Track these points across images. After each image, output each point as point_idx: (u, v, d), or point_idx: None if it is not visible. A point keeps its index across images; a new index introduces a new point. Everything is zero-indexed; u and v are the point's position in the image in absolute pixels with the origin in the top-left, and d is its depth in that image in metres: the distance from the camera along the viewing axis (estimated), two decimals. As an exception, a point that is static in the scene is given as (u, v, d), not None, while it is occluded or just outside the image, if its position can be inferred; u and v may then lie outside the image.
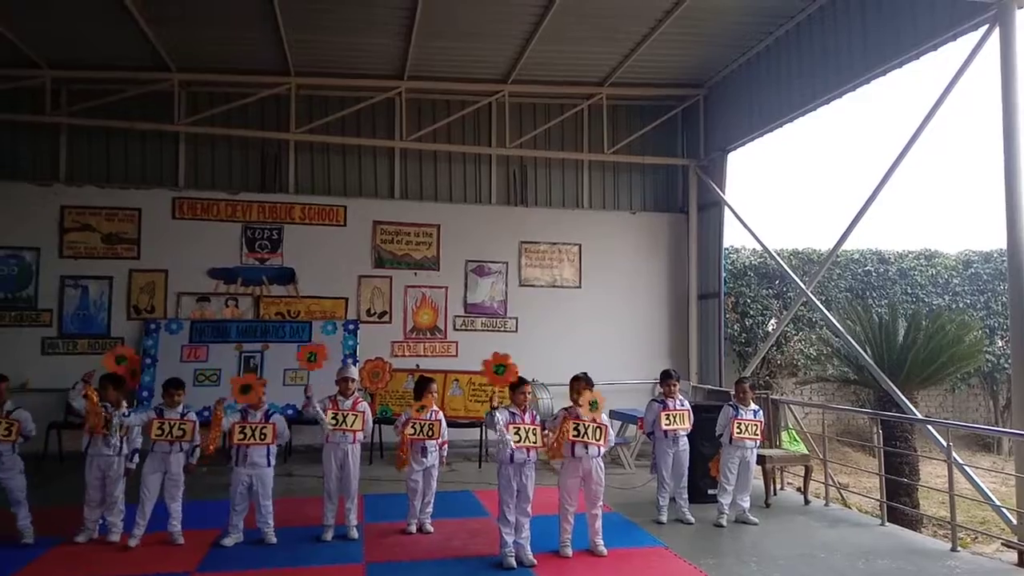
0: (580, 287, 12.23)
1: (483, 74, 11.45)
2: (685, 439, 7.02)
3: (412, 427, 6.31)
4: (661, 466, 6.99)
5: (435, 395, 6.56)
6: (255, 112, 11.32)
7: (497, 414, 5.67)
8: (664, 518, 6.88)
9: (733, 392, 7.33)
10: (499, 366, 6.06)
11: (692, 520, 6.86)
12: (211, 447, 5.87)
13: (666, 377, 7.17)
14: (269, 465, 6.06)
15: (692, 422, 7.03)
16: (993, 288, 17.78)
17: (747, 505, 7.02)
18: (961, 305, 17.30)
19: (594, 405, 5.78)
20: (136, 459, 6.05)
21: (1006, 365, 17.04)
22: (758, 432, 7.06)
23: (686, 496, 7.03)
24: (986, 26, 7.12)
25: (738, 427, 6.94)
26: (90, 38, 9.86)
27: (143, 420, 5.92)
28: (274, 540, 6.01)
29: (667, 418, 6.90)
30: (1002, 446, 16.79)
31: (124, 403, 6.02)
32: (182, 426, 5.92)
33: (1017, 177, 6.76)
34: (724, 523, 6.82)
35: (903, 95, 46.06)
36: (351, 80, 11.32)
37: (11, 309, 10.45)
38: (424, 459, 6.39)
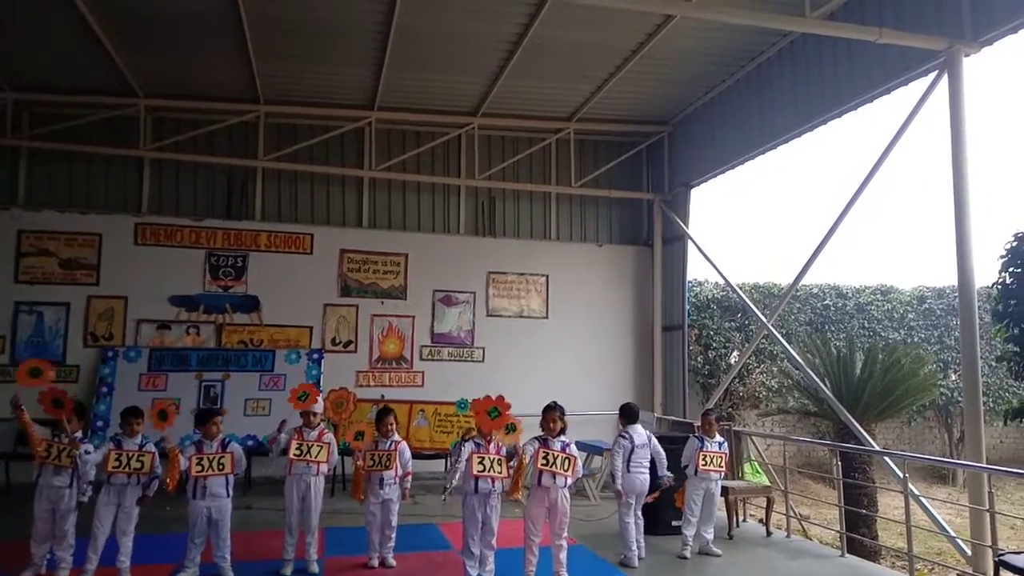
0: (547, 318, 12.29)
1: (453, 106, 11.58)
2: (642, 470, 6.84)
3: (371, 459, 6.22)
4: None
5: (393, 426, 6.43)
6: (222, 139, 11.26)
7: (464, 446, 5.64)
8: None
9: (699, 424, 7.38)
10: (493, 409, 5.75)
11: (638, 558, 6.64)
12: (172, 487, 5.58)
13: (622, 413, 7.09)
14: (228, 496, 5.89)
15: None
16: (946, 323, 18.32)
17: (711, 537, 7.05)
18: (916, 339, 17.78)
19: (511, 428, 5.73)
20: (89, 492, 5.84)
21: (959, 398, 17.48)
22: (723, 464, 7.11)
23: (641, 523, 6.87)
24: (935, 72, 7.45)
25: (703, 459, 6.98)
26: (55, 61, 9.75)
27: (102, 455, 5.69)
28: (231, 575, 5.85)
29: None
30: (957, 478, 17.17)
31: (80, 435, 5.84)
32: (140, 458, 5.70)
33: (966, 215, 7.03)
34: (688, 555, 6.83)
35: (861, 134, 47.63)
36: (321, 109, 11.35)
37: (-39, 335, 10.13)
38: (381, 491, 6.27)
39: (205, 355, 10.56)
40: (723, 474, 7.22)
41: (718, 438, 7.20)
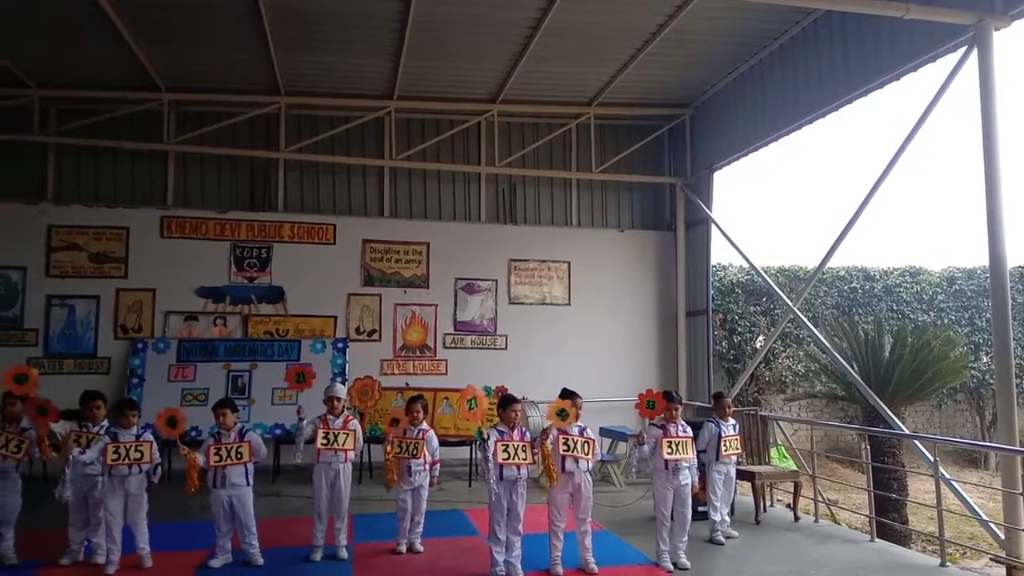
0: (569, 304, 12.27)
1: (472, 94, 11.55)
2: None
3: (399, 446, 6.29)
4: None
5: (419, 413, 6.48)
6: (244, 131, 11.35)
7: (489, 434, 5.67)
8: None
9: (714, 408, 7.28)
10: (471, 400, 5.92)
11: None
12: (191, 489, 5.61)
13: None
14: (248, 484, 5.94)
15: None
16: (977, 304, 17.98)
17: (728, 519, 7.04)
18: (946, 321, 17.48)
19: (563, 414, 5.75)
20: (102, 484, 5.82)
21: (991, 381, 17.18)
22: (739, 445, 7.11)
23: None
24: (964, 47, 7.27)
25: (725, 444, 6.95)
26: (79, 58, 9.88)
27: (98, 452, 5.65)
28: (260, 561, 5.93)
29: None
30: (989, 461, 16.89)
31: (105, 425, 5.94)
32: (139, 448, 5.70)
33: (997, 194, 6.88)
34: (723, 540, 6.77)
35: (888, 113, 46.78)
36: (341, 99, 11.40)
37: (-4, 329, 10.36)
38: (411, 479, 6.34)
39: (232, 345, 10.71)
40: (740, 455, 7.22)
41: (731, 420, 7.15)
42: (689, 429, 6.38)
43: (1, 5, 8.32)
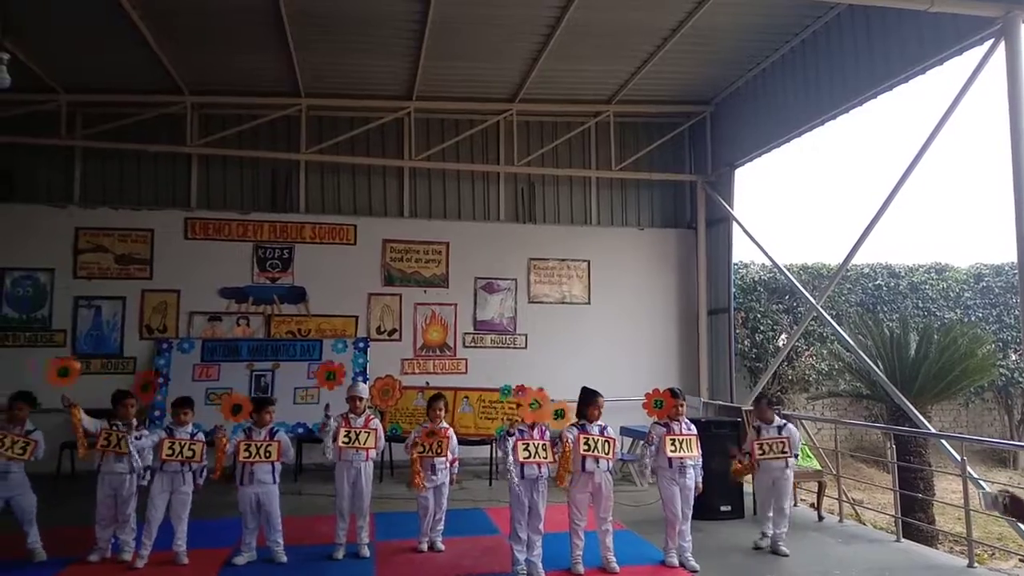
0: (589, 303, 12.23)
1: (491, 93, 11.56)
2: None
3: (420, 446, 6.32)
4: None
5: (442, 412, 6.53)
6: (266, 133, 11.45)
7: (509, 436, 5.68)
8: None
9: (759, 412, 7.09)
10: (534, 402, 5.79)
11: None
12: (217, 474, 5.92)
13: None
14: (274, 483, 6.06)
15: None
16: (1005, 301, 17.67)
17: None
18: (973, 319, 17.20)
19: (560, 414, 5.73)
20: (148, 476, 6.06)
21: (1020, 379, 16.92)
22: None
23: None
24: (991, 40, 7.15)
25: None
26: (105, 63, 10.02)
27: (155, 441, 5.94)
28: (284, 559, 6.01)
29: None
30: (1018, 461, 16.63)
31: (135, 423, 6.06)
32: (192, 447, 5.92)
33: (1026, 189, 6.75)
34: (786, 551, 6.55)
35: (913, 107, 46.06)
36: (361, 100, 11.46)
37: (25, 330, 10.55)
38: (434, 477, 6.38)
39: (255, 345, 10.82)
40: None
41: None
42: (693, 427, 6.27)
43: (28, 12, 8.47)
